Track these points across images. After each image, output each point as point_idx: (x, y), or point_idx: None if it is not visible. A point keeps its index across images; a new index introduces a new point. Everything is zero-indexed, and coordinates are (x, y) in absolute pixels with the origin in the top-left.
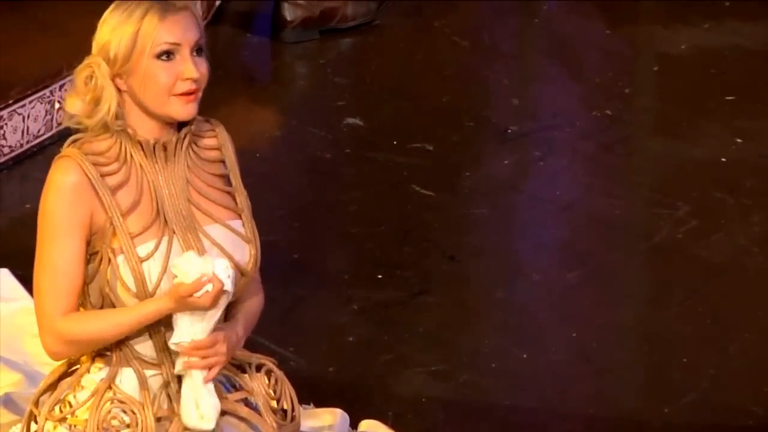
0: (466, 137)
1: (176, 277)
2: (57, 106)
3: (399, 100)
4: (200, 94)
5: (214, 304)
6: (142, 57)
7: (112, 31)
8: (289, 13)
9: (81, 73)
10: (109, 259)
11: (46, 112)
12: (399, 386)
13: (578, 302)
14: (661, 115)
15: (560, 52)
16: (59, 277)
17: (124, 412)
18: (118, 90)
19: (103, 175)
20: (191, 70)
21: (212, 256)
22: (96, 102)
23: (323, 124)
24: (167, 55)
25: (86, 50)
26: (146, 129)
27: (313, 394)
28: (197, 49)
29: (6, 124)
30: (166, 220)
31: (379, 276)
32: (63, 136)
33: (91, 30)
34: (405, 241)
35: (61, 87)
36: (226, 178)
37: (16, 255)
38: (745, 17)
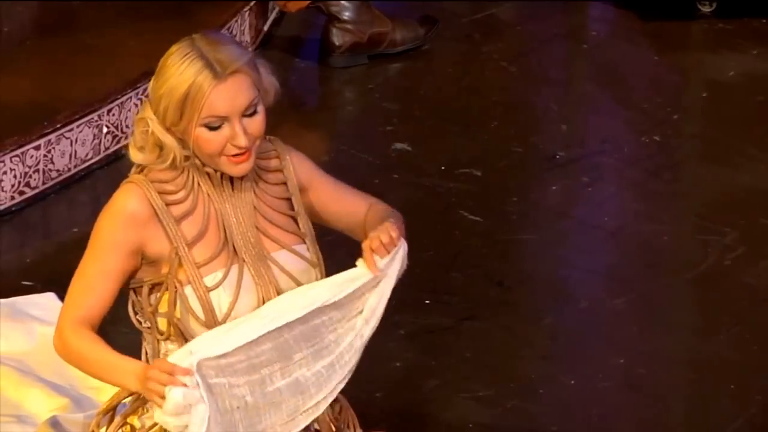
0: (514, 163)
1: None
2: (105, 130)
3: (447, 125)
4: (255, 150)
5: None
6: (191, 124)
7: (166, 83)
8: (337, 38)
9: (138, 124)
10: (176, 290)
11: (94, 136)
12: (446, 412)
13: (626, 329)
14: (709, 142)
15: (608, 78)
16: (86, 290)
17: None
18: (179, 138)
19: (168, 204)
20: (240, 139)
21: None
22: (160, 148)
23: (371, 150)
24: (212, 126)
25: (132, 74)
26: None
27: (361, 419)
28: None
29: (54, 148)
30: (234, 249)
31: (427, 301)
32: (111, 160)
33: (138, 53)
34: (453, 267)
35: (108, 111)
36: (288, 201)
37: (63, 279)
38: None
